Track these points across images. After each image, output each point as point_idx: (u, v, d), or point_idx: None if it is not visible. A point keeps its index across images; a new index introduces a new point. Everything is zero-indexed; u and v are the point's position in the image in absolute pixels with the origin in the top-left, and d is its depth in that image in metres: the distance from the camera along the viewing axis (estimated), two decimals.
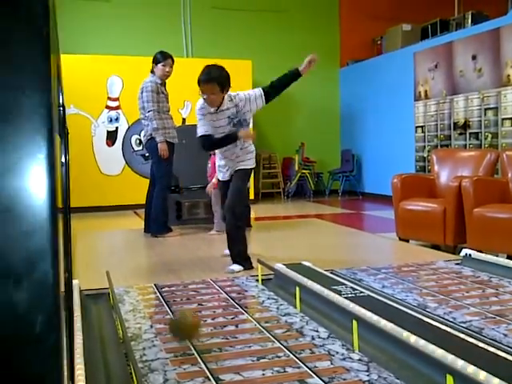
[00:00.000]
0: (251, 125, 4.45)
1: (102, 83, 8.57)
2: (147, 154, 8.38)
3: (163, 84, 5.82)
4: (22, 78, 0.46)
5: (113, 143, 8.71)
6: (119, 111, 8.67)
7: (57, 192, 0.45)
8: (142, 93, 5.75)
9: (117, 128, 8.69)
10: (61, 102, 1.43)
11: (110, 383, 2.12)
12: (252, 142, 4.36)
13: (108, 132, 8.67)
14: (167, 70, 5.80)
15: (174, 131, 5.82)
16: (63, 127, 1.53)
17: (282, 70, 4.70)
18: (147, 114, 5.67)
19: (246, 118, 4.24)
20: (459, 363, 1.81)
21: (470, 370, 1.77)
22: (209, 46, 9.94)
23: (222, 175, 4.35)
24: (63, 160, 1.62)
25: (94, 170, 8.54)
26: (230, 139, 4.14)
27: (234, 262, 4.13)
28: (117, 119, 8.68)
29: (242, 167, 4.23)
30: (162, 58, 5.81)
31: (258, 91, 4.32)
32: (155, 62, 5.81)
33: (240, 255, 4.15)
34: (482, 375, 1.72)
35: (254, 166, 4.36)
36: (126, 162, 8.73)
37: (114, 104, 8.65)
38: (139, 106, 5.83)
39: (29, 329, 0.40)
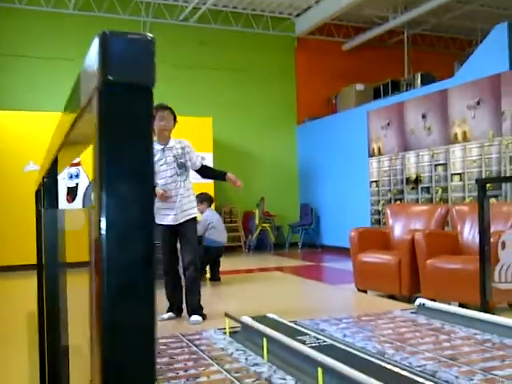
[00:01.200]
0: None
1: None
2: None
3: None
4: None
5: (73, 199, 8.78)
6: (79, 167, 8.78)
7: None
8: None
9: (77, 184, 8.79)
10: None
11: None
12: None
13: (68, 188, 8.76)
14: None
15: None
16: None
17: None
18: None
19: (187, 164, 4.47)
20: None
21: None
22: (171, 103, 10.18)
23: (162, 218, 4.43)
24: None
25: None
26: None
27: (193, 313, 4.32)
28: (77, 175, 8.78)
29: (189, 217, 4.43)
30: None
31: (200, 160, 4.57)
32: None
33: (198, 305, 4.36)
34: None
35: (197, 214, 4.58)
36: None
37: (74, 160, 8.77)
38: None
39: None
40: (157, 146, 4.41)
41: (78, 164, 8.77)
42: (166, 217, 4.41)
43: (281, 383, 2.74)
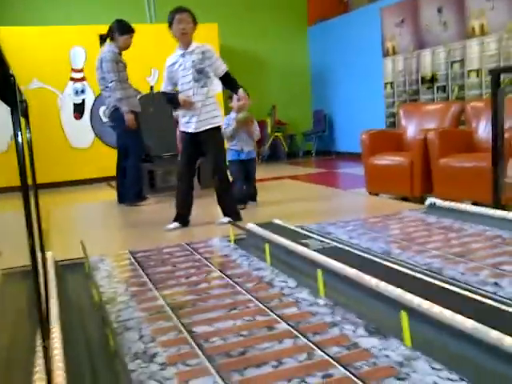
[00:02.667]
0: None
1: (65, 55, 8.46)
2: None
3: (120, 53, 5.76)
4: None
5: (81, 116, 8.66)
6: (84, 83, 8.59)
7: None
8: (101, 63, 5.67)
9: (83, 100, 8.64)
10: (8, 72, 1.45)
11: (88, 345, 2.18)
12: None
13: (75, 105, 8.61)
14: (130, 41, 5.76)
15: (135, 100, 5.82)
16: (15, 98, 1.55)
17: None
18: (109, 85, 5.62)
19: (208, 70, 4.26)
20: (415, 300, 1.92)
21: (424, 305, 1.87)
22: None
23: (185, 126, 4.38)
24: (19, 133, 1.64)
25: (63, 144, 8.50)
26: (172, 101, 4.33)
27: (225, 214, 4.42)
28: (83, 91, 8.61)
29: (210, 126, 4.31)
30: (127, 30, 5.74)
31: (224, 68, 4.31)
32: (119, 32, 5.72)
33: (230, 208, 4.43)
34: (436, 309, 1.83)
35: (220, 123, 4.46)
36: (96, 134, 8.70)
37: (78, 75, 8.58)
38: (98, 77, 5.76)
39: None
40: (177, 52, 4.28)
41: (82, 79, 8.59)
42: (187, 124, 4.34)
43: (282, 286, 2.68)
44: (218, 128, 4.40)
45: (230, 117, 5.19)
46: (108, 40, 5.76)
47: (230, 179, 4.80)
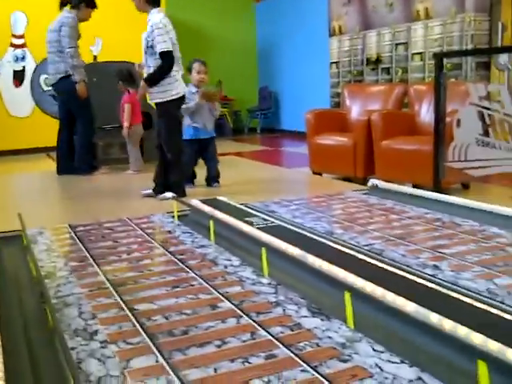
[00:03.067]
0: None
1: (5, 20, 8.14)
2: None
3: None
4: None
5: (20, 83, 8.36)
6: (25, 49, 8.30)
7: None
8: (61, 26, 5.52)
9: (24, 67, 8.34)
10: None
11: (25, 321, 2.13)
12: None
13: (15, 71, 8.32)
14: (90, 16, 5.66)
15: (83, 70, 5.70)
16: None
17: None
18: (68, 50, 5.48)
19: (154, 44, 4.21)
20: (357, 281, 1.94)
21: (367, 286, 1.90)
22: None
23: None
24: None
25: (1, 111, 8.20)
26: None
27: (169, 189, 4.40)
28: (23, 58, 8.32)
29: (156, 101, 4.37)
30: (94, 4, 5.71)
31: (159, 47, 4.20)
32: (86, 3, 5.63)
33: (175, 183, 4.41)
34: (378, 291, 1.86)
35: (175, 97, 4.32)
36: (36, 103, 8.43)
37: (19, 42, 8.27)
38: (51, 39, 5.58)
39: None
40: None
41: (23, 45, 8.29)
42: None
43: (226, 264, 2.68)
44: (168, 102, 4.30)
45: (190, 90, 4.75)
46: (68, 7, 5.61)
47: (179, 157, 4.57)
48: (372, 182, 4.23)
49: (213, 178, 4.91)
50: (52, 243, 3.19)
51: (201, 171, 4.97)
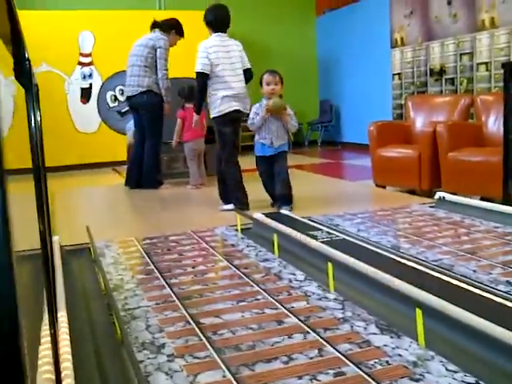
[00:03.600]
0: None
1: (74, 39, 8.40)
2: (124, 110, 8.33)
3: None
4: None
5: (87, 100, 8.60)
6: (92, 67, 8.53)
7: None
8: (155, 47, 5.75)
9: (91, 84, 8.58)
10: (26, 56, 1.42)
11: (93, 332, 2.16)
12: None
13: (82, 89, 8.56)
14: (176, 43, 5.96)
15: None
16: (30, 82, 1.52)
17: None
18: (164, 72, 5.72)
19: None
20: (428, 297, 1.89)
21: (439, 303, 1.84)
22: None
23: None
24: (32, 115, 1.62)
25: (69, 128, 8.44)
26: None
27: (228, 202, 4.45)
28: (90, 75, 8.55)
29: (212, 115, 4.52)
30: (183, 33, 5.98)
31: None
32: (177, 31, 5.89)
33: (232, 195, 4.44)
34: (450, 308, 1.80)
35: (216, 114, 4.43)
36: (102, 119, 8.65)
37: (86, 60, 8.51)
38: (138, 53, 5.80)
39: None
40: None
41: (90, 64, 8.53)
42: None
43: (290, 278, 2.66)
44: (214, 118, 4.46)
45: (261, 104, 4.47)
46: (158, 29, 5.87)
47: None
48: (439, 194, 4.14)
49: (281, 199, 4.40)
50: (119, 256, 3.25)
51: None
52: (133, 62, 5.84)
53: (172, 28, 5.88)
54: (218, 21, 4.56)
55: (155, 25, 5.94)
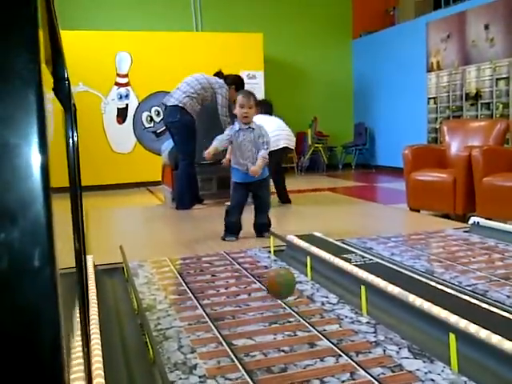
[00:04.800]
0: None
1: (111, 59, 8.55)
2: (159, 131, 8.46)
3: None
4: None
5: (123, 120, 8.73)
6: (129, 88, 8.67)
7: (46, 135, 0.49)
8: (214, 90, 5.88)
9: (127, 105, 8.72)
10: (65, 75, 1.46)
11: (125, 352, 2.19)
12: None
13: (118, 109, 8.70)
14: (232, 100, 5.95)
15: None
16: (69, 101, 1.57)
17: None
18: (224, 119, 5.90)
19: None
20: (461, 322, 1.87)
21: (472, 328, 1.82)
22: (219, 19, 9.88)
23: None
24: (70, 134, 1.66)
25: (105, 147, 8.57)
26: None
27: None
28: (126, 96, 8.70)
29: None
30: (239, 90, 5.82)
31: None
32: (237, 87, 5.95)
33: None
34: (483, 333, 1.78)
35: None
36: (137, 139, 8.77)
37: (123, 81, 8.66)
38: (191, 84, 5.91)
39: (26, 262, 0.46)
40: None
41: (127, 84, 8.68)
42: None
43: (323, 301, 2.65)
44: None
45: (233, 127, 4.31)
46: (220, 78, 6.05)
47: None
48: (473, 219, 4.09)
49: (260, 226, 4.33)
50: (152, 276, 3.28)
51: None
52: (182, 87, 5.96)
53: (234, 83, 6.00)
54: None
55: (219, 74, 6.11)
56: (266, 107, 6.23)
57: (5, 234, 0.45)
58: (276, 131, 5.77)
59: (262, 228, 4.31)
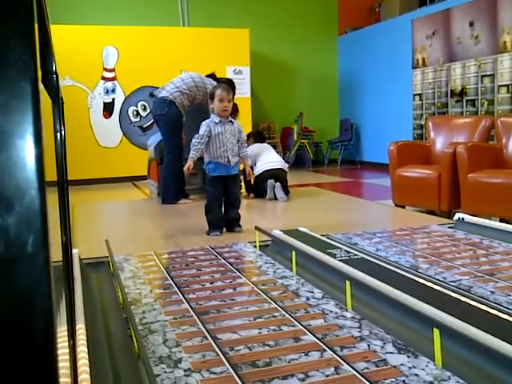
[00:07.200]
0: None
1: (98, 54, 8.51)
2: (145, 125, 8.42)
3: None
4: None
5: (110, 115, 8.69)
6: (115, 82, 8.63)
7: (41, 124, 0.49)
8: (206, 92, 5.77)
9: (113, 99, 8.68)
10: (54, 69, 1.46)
11: (111, 345, 2.18)
12: None
13: (104, 103, 8.65)
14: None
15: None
16: (57, 95, 1.56)
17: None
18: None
19: None
20: (446, 318, 1.89)
21: (456, 323, 1.84)
22: (205, 14, 9.87)
23: None
24: (58, 128, 1.66)
25: (91, 142, 8.53)
26: None
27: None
28: (113, 90, 8.65)
29: None
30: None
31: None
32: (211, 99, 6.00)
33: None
34: (467, 328, 1.79)
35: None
36: (124, 134, 8.73)
37: (109, 75, 8.62)
38: (185, 80, 5.90)
39: (21, 248, 0.46)
40: None
41: (113, 79, 8.64)
42: None
43: (308, 296, 2.66)
44: None
45: (208, 124, 4.28)
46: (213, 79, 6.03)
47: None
48: (458, 215, 4.12)
49: (232, 222, 4.35)
50: (138, 270, 3.27)
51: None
52: (175, 81, 5.95)
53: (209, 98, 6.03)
54: None
55: (212, 76, 6.09)
56: (258, 137, 6.70)
57: (0, 220, 0.46)
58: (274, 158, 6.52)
59: (234, 223, 4.33)
